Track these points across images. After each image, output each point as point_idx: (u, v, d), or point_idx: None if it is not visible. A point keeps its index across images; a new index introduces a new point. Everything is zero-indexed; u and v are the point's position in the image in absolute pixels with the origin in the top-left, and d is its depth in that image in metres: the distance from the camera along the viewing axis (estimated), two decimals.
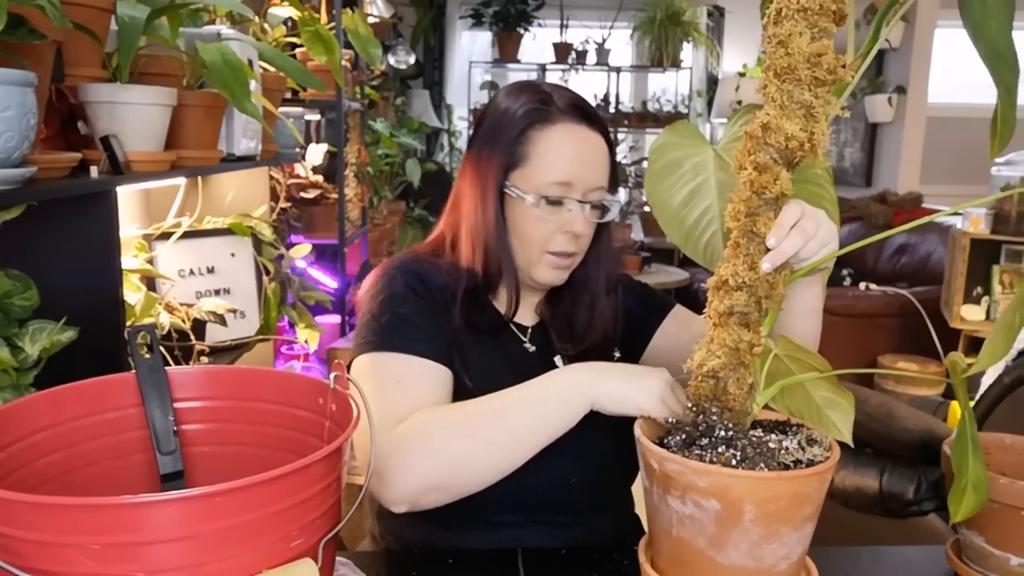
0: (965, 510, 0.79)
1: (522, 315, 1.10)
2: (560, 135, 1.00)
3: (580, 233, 1.01)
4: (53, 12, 0.90)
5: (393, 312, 0.99)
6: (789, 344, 0.78)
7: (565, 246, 1.02)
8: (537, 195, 1.00)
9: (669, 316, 1.15)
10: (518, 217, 1.02)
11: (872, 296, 3.66)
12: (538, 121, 1.00)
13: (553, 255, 1.02)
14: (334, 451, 0.62)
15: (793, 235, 0.74)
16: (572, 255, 1.03)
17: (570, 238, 1.02)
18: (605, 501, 1.07)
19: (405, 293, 1.01)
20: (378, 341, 0.97)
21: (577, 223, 1.01)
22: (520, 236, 1.02)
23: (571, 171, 1.00)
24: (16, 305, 0.98)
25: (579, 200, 1.01)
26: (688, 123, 0.90)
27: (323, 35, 1.88)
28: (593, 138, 1.02)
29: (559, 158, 1.00)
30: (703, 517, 0.70)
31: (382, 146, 3.74)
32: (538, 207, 1.00)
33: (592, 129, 1.02)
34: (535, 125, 1.00)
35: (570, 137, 1.00)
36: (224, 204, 1.96)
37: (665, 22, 5.20)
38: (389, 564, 0.98)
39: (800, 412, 0.78)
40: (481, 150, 1.04)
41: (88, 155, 1.17)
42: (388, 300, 1.00)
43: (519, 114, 1.01)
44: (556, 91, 1.04)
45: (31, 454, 0.69)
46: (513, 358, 1.07)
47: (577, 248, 1.03)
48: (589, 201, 1.01)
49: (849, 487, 1.29)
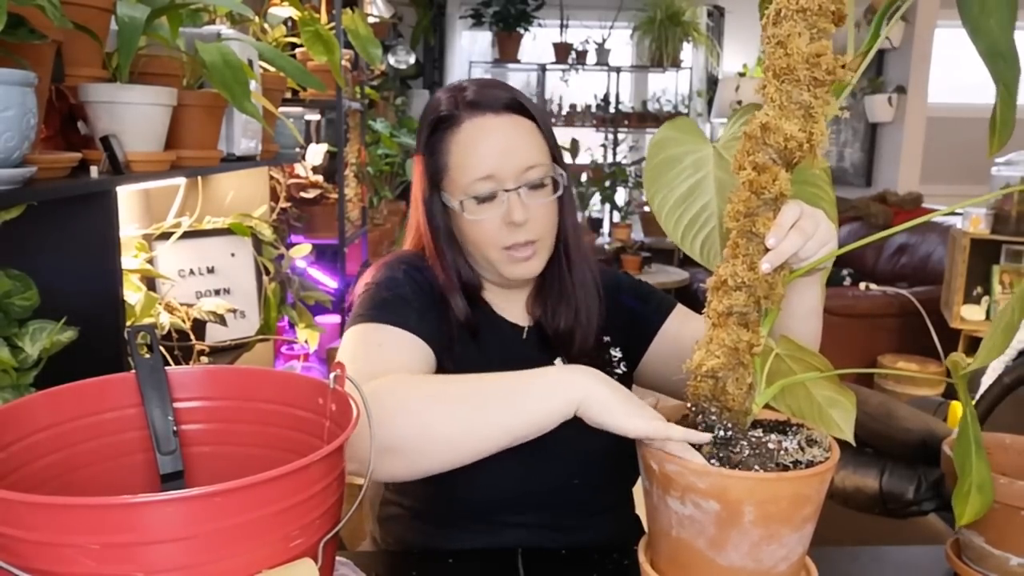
0: (971, 513, 0.78)
1: (517, 316, 1.10)
2: (468, 134, 1.00)
3: (520, 220, 0.99)
4: (53, 12, 0.90)
5: (389, 291, 1.01)
6: (790, 344, 0.78)
7: (515, 237, 1.00)
8: (460, 200, 1.00)
9: (671, 316, 1.14)
10: (461, 224, 1.02)
11: (872, 296, 3.66)
12: (441, 128, 1.02)
13: (509, 249, 1.01)
14: (334, 451, 0.62)
15: (792, 235, 0.74)
16: (529, 243, 1.01)
17: (515, 228, 0.99)
18: (607, 503, 1.07)
19: (403, 278, 1.02)
20: (368, 314, 0.98)
21: (515, 211, 0.99)
22: (471, 241, 1.02)
23: (489, 164, 0.99)
24: (16, 305, 0.98)
25: (509, 188, 0.99)
26: (688, 119, 0.89)
27: (323, 35, 1.88)
28: (506, 122, 1.00)
29: (474, 156, 0.99)
30: (703, 518, 0.70)
31: (382, 146, 3.74)
32: (466, 211, 1.00)
33: (504, 114, 1.00)
34: (440, 134, 1.02)
35: (478, 132, 1.00)
36: (224, 204, 1.96)
37: (665, 22, 5.20)
38: (389, 564, 0.98)
39: (801, 411, 0.77)
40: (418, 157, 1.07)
41: (88, 155, 1.17)
42: (385, 282, 1.02)
43: (426, 129, 1.04)
44: (471, 84, 1.03)
45: (31, 454, 0.69)
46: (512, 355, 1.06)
47: (531, 235, 1.01)
48: (522, 184, 0.99)
49: (849, 487, 1.29)
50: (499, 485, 0.97)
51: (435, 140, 1.02)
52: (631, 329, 1.14)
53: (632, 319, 1.14)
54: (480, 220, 1.00)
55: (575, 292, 1.07)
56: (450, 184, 1.01)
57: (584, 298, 1.07)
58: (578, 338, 1.07)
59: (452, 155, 1.01)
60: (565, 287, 1.07)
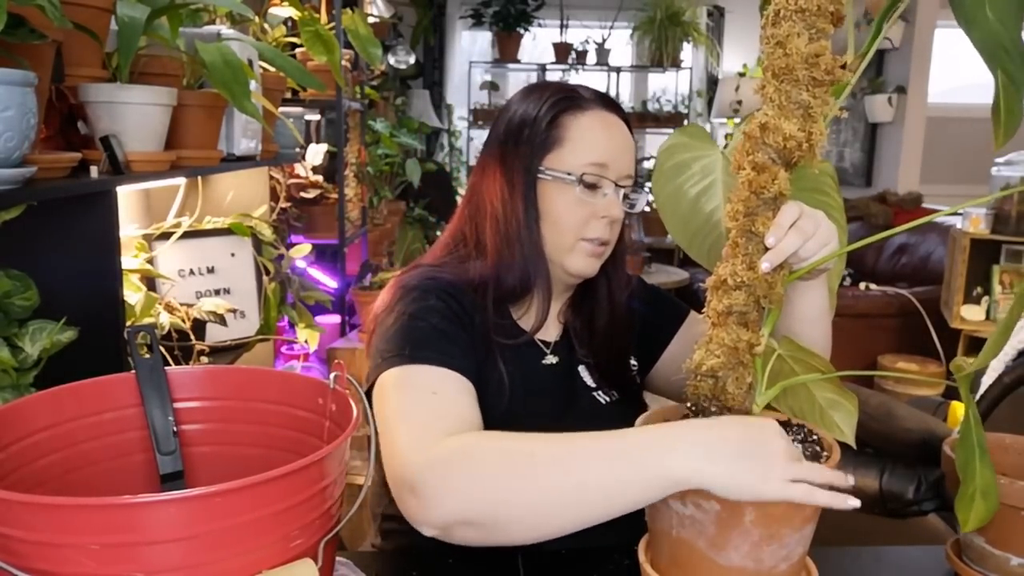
0: (975, 519, 0.78)
1: (545, 330, 1.06)
2: (593, 120, 1.00)
3: (616, 218, 1.01)
4: (53, 12, 0.90)
5: (428, 325, 0.92)
6: (792, 345, 0.78)
7: (601, 232, 1.00)
8: (576, 175, 0.99)
9: (685, 324, 1.13)
10: (553, 202, 1.00)
11: (872, 296, 3.66)
12: (569, 108, 1.01)
13: (587, 242, 1.00)
14: (334, 451, 0.62)
15: (791, 234, 0.74)
16: (606, 243, 1.02)
17: (606, 224, 1.00)
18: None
19: (439, 307, 0.95)
20: (409, 354, 0.89)
21: (613, 207, 1.00)
22: (554, 222, 1.00)
23: (607, 153, 0.99)
24: (16, 305, 0.98)
25: (616, 183, 1.00)
26: (698, 125, 0.90)
27: (323, 35, 1.88)
28: (622, 126, 1.03)
29: (595, 140, 1.00)
30: (703, 518, 0.70)
31: (382, 146, 3.74)
32: (576, 187, 0.99)
33: (620, 119, 1.03)
34: (567, 111, 1.00)
35: (602, 122, 1.01)
36: (224, 204, 1.96)
37: (665, 22, 5.20)
38: (389, 564, 0.98)
39: (803, 412, 0.77)
40: (506, 144, 1.02)
41: (88, 155, 1.17)
42: (422, 312, 0.94)
43: (548, 103, 1.01)
44: (579, 86, 1.05)
45: (31, 454, 0.69)
46: (529, 373, 1.03)
47: (611, 236, 1.02)
48: (623, 187, 1.01)
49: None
50: None
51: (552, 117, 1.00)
52: (643, 336, 1.14)
53: (644, 326, 1.14)
54: (580, 202, 0.99)
55: (616, 303, 1.08)
56: (557, 159, 1.00)
57: (624, 311, 1.09)
58: (615, 346, 1.08)
59: (571, 132, 1.00)
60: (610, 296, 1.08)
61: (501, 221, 1.00)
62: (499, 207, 1.00)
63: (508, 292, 1.01)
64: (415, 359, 0.88)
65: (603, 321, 1.08)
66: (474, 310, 0.99)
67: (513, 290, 1.01)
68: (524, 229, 0.99)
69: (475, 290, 1.00)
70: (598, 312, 1.08)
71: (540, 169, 1.00)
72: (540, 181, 1.00)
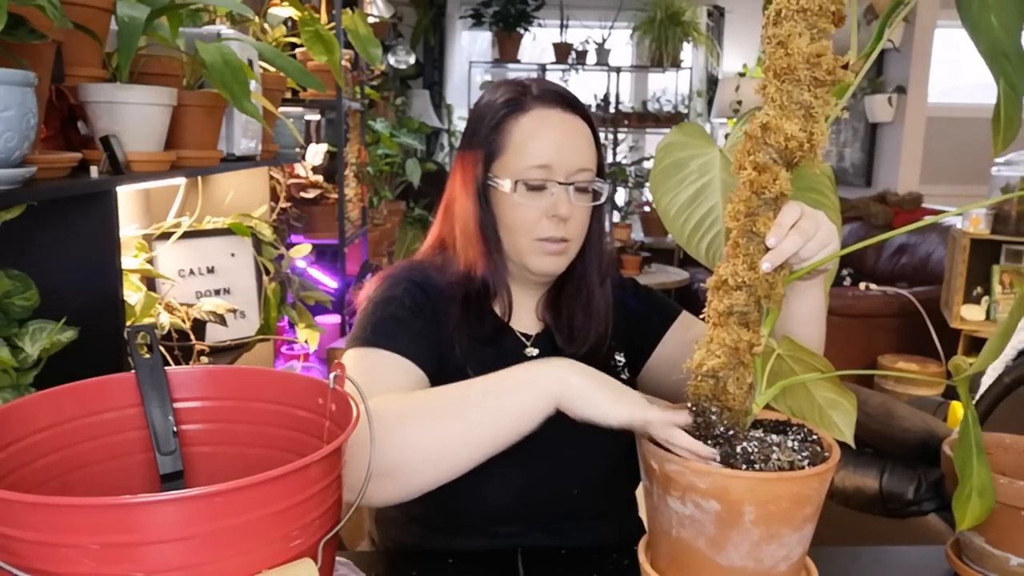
0: (971, 517, 0.78)
1: (525, 323, 1.09)
2: (535, 121, 1.01)
3: (565, 215, 1.00)
4: (53, 12, 0.90)
5: (385, 312, 1.00)
6: (792, 344, 0.78)
7: (552, 231, 1.01)
8: (515, 181, 1.00)
9: (675, 323, 1.13)
10: (502, 207, 1.02)
11: (872, 296, 3.66)
12: (512, 112, 1.01)
13: (543, 241, 1.01)
14: (334, 451, 0.62)
15: (792, 235, 0.74)
16: (563, 240, 1.02)
17: (556, 222, 1.01)
18: (608, 508, 1.07)
19: (401, 296, 1.01)
20: (362, 338, 0.97)
21: (561, 206, 1.00)
22: (507, 226, 1.02)
23: (549, 154, 1.00)
24: (16, 305, 0.98)
25: (561, 182, 1.00)
26: (695, 124, 0.90)
27: (323, 35, 1.88)
28: (571, 120, 1.02)
29: (536, 142, 1.00)
30: (703, 518, 0.70)
31: (382, 146, 3.74)
32: (516, 192, 1.00)
33: (570, 112, 1.02)
34: (509, 116, 1.01)
35: (545, 122, 1.01)
36: (224, 204, 1.96)
37: (665, 22, 5.20)
38: (389, 564, 0.98)
39: (802, 412, 0.78)
40: (466, 148, 1.06)
41: (88, 155, 1.17)
42: (383, 302, 1.01)
43: (495, 106, 1.03)
44: (535, 82, 1.05)
45: (30, 454, 0.69)
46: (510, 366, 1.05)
47: (567, 233, 1.02)
48: (573, 183, 1.01)
49: (849, 487, 1.29)
50: (498, 496, 0.97)
51: (496, 122, 1.02)
52: (634, 334, 1.14)
53: (635, 324, 1.14)
54: (526, 206, 1.00)
55: (592, 296, 1.08)
56: (502, 167, 1.02)
57: (601, 304, 1.09)
58: (591, 340, 1.07)
59: (513, 137, 1.01)
60: (583, 290, 1.08)
61: (464, 227, 1.04)
62: (462, 214, 1.04)
63: (477, 291, 1.04)
64: (369, 343, 0.96)
65: (579, 315, 1.08)
66: (447, 304, 1.03)
67: (480, 290, 1.04)
68: (481, 233, 1.03)
69: (451, 286, 1.04)
70: (574, 306, 1.08)
71: (488, 176, 1.02)
72: (490, 188, 1.03)
